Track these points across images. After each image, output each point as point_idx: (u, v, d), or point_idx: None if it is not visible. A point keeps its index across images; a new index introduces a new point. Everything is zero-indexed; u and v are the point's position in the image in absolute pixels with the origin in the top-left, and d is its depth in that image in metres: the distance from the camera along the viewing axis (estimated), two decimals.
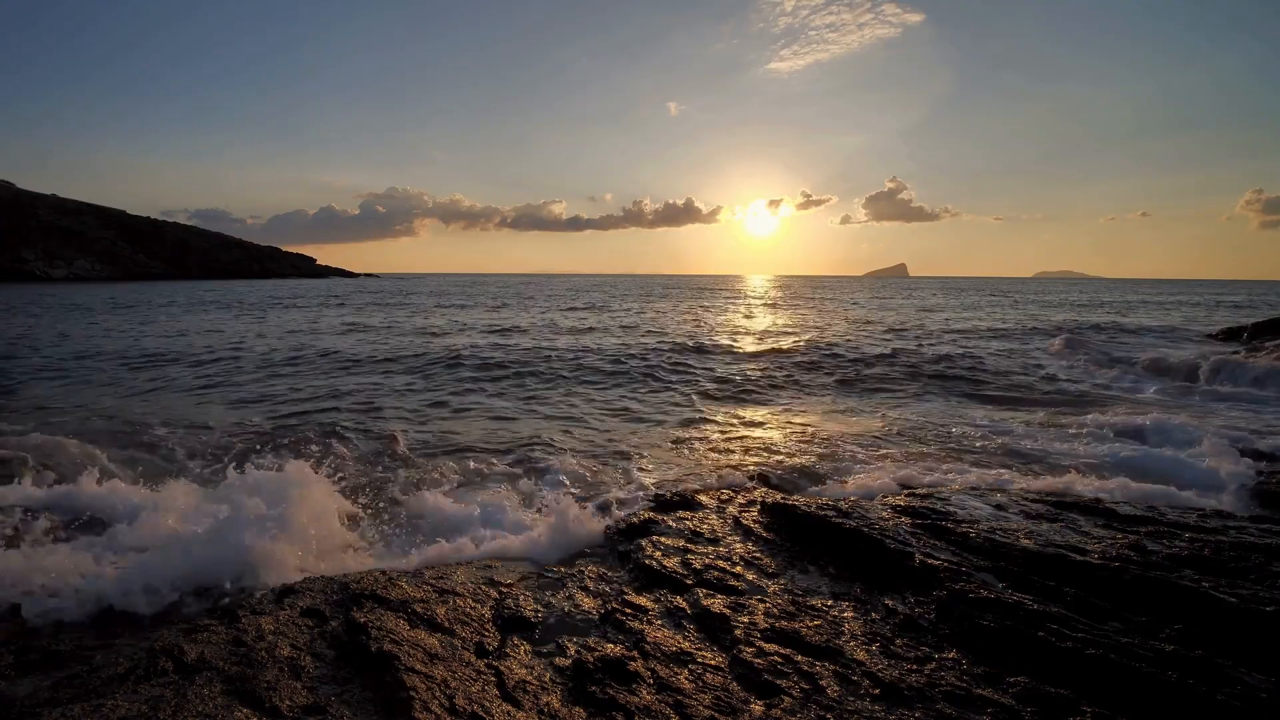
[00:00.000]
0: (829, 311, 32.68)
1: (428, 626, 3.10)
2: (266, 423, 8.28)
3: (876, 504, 4.82)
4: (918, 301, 44.29)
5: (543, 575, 3.90)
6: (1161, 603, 3.22)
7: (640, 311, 31.50)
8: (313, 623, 3.08)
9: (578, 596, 3.58)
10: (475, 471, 6.44)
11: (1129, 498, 5.19)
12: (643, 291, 59.86)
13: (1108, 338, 19.46)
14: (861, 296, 52.24)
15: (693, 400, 10.31)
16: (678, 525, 4.52)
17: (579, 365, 13.55)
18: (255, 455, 6.35)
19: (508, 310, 32.07)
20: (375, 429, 7.98)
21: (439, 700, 2.50)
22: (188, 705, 2.38)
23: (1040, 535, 4.04)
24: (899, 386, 11.52)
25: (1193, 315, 29.93)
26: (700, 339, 18.57)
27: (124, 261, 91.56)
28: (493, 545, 4.45)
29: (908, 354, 15.24)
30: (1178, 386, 11.55)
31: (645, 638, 3.06)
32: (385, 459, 6.77)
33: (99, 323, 21.97)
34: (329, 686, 2.62)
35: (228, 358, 14.04)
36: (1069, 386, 11.50)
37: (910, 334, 20.90)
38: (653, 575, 3.77)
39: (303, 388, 10.88)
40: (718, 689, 2.68)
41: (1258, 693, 2.52)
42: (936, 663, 2.88)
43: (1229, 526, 4.17)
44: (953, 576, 3.51)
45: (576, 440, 7.73)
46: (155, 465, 6.45)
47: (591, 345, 16.98)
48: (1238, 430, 7.75)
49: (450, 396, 10.40)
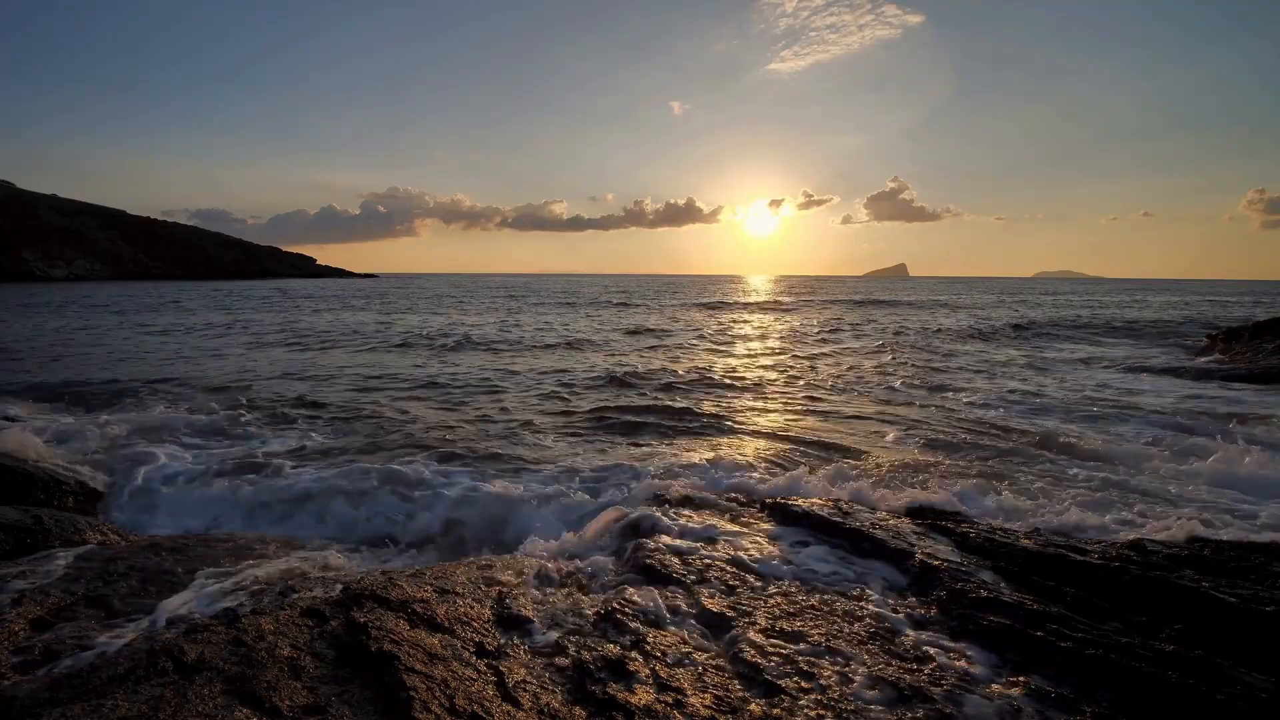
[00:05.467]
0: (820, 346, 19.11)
1: (428, 626, 3.10)
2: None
3: (878, 504, 4.83)
4: (920, 310, 35.97)
5: (543, 574, 3.90)
6: (1161, 603, 3.22)
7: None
8: (313, 623, 3.08)
9: (578, 596, 3.58)
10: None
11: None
12: (617, 297, 49.04)
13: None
14: (861, 292, 51.65)
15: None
16: (678, 524, 4.52)
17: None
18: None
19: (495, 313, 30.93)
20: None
21: (439, 700, 2.50)
22: (188, 705, 2.38)
23: (1040, 535, 4.04)
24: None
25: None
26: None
27: (124, 261, 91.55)
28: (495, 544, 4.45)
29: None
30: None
31: (645, 637, 3.05)
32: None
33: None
34: (329, 686, 2.62)
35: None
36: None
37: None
38: (653, 574, 3.77)
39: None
40: (718, 688, 2.68)
41: (1258, 693, 2.52)
42: (936, 663, 2.88)
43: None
44: (953, 576, 3.52)
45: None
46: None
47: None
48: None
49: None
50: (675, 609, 3.37)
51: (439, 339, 18.77)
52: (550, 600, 3.53)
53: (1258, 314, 26.35)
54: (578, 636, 3.14)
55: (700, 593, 3.51)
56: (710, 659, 2.90)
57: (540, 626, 3.25)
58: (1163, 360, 14.76)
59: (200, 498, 5.64)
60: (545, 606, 3.45)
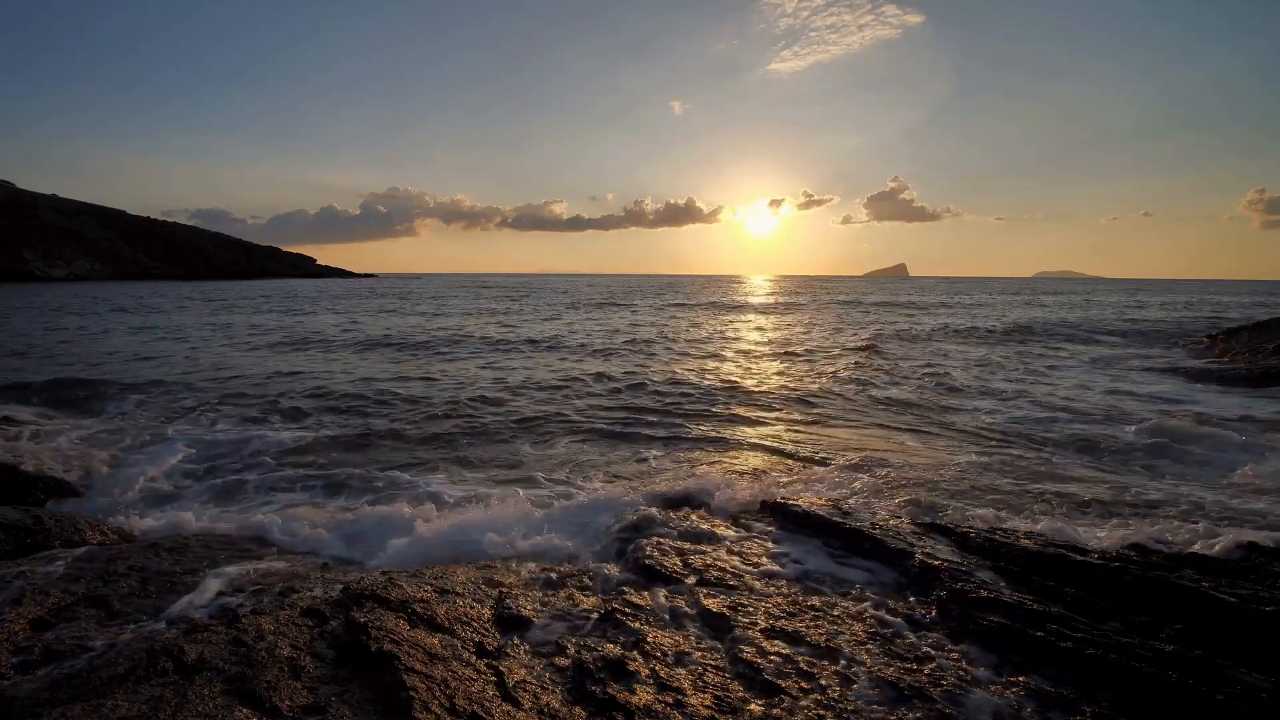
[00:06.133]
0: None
1: (428, 626, 3.10)
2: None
3: (877, 504, 4.83)
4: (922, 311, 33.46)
5: (543, 575, 3.90)
6: (1161, 603, 3.22)
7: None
8: (313, 623, 3.08)
9: (578, 596, 3.58)
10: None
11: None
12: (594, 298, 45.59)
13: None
14: (861, 292, 51.67)
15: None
16: (678, 524, 4.52)
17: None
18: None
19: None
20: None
21: (439, 700, 2.50)
22: (188, 705, 2.38)
23: (1040, 535, 4.04)
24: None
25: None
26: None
27: (124, 262, 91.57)
28: (496, 544, 4.45)
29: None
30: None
31: (645, 637, 3.05)
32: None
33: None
34: (329, 686, 2.62)
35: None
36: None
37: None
38: (653, 574, 3.77)
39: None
40: (718, 688, 2.68)
41: (1258, 693, 2.52)
42: (936, 663, 2.88)
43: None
44: (953, 576, 3.51)
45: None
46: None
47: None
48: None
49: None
50: (675, 609, 3.37)
51: (443, 345, 18.75)
52: (550, 600, 3.53)
53: (1258, 314, 26.37)
54: (578, 636, 3.14)
55: (700, 593, 3.51)
56: (710, 659, 2.90)
57: (540, 627, 3.25)
58: (1163, 361, 14.77)
59: (202, 498, 5.64)
60: (545, 607, 3.45)
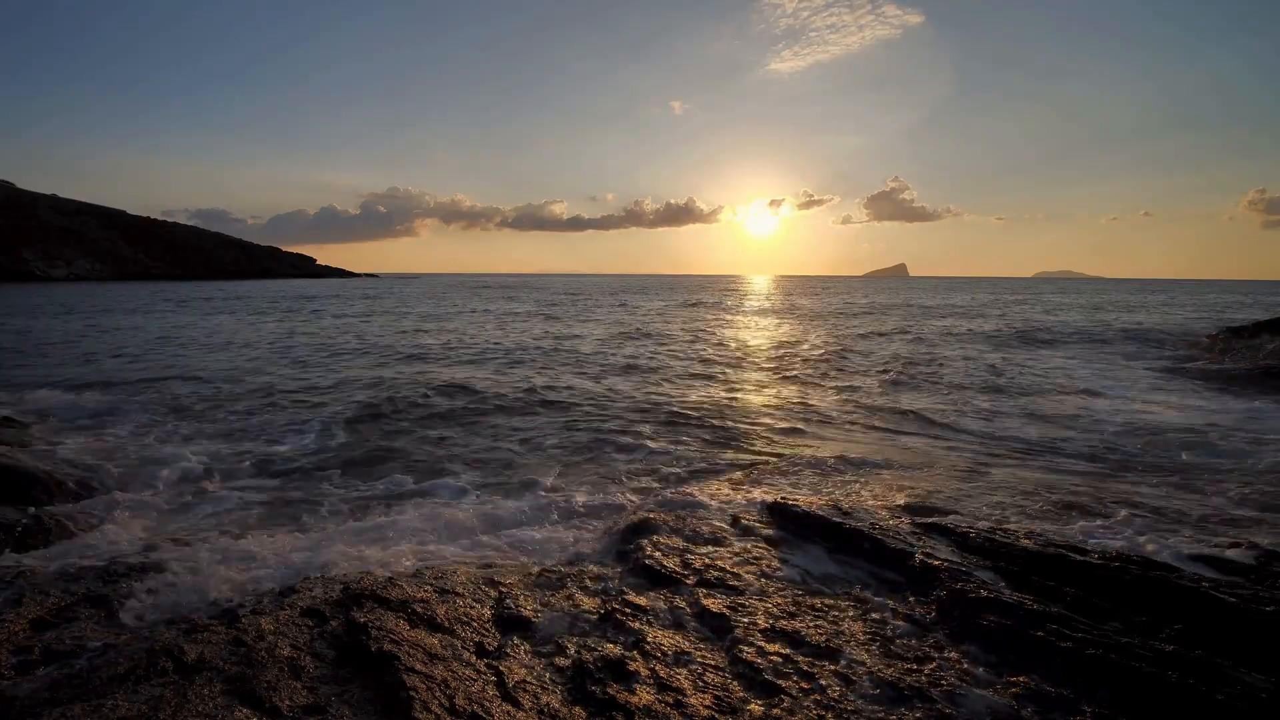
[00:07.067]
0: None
1: (428, 626, 3.10)
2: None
3: (877, 505, 4.83)
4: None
5: (543, 575, 3.90)
6: (1161, 603, 3.22)
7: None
8: (313, 623, 3.08)
9: (578, 596, 3.58)
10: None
11: None
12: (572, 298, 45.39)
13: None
14: (861, 292, 51.61)
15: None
16: (678, 525, 4.52)
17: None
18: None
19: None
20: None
21: (439, 700, 2.50)
22: (188, 705, 2.38)
23: (1040, 535, 4.04)
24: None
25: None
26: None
27: (124, 262, 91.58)
28: (498, 543, 4.45)
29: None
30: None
31: (645, 638, 3.05)
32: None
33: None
34: (329, 686, 2.62)
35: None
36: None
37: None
38: (653, 575, 3.77)
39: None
40: (718, 688, 2.68)
41: (1258, 693, 2.52)
42: (936, 663, 2.88)
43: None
44: (953, 576, 3.51)
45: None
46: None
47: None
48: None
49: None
50: (675, 609, 3.37)
51: (443, 352, 18.74)
52: (550, 601, 3.53)
53: (1258, 314, 26.37)
54: (578, 636, 3.14)
55: (700, 593, 3.51)
56: (710, 659, 2.90)
57: (540, 627, 3.25)
58: (1163, 361, 14.78)
59: (203, 497, 5.64)
60: (545, 607, 3.45)
